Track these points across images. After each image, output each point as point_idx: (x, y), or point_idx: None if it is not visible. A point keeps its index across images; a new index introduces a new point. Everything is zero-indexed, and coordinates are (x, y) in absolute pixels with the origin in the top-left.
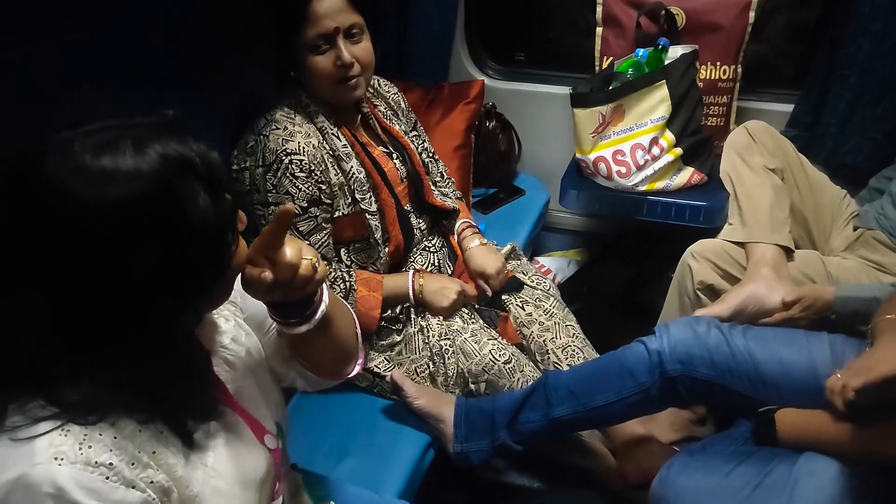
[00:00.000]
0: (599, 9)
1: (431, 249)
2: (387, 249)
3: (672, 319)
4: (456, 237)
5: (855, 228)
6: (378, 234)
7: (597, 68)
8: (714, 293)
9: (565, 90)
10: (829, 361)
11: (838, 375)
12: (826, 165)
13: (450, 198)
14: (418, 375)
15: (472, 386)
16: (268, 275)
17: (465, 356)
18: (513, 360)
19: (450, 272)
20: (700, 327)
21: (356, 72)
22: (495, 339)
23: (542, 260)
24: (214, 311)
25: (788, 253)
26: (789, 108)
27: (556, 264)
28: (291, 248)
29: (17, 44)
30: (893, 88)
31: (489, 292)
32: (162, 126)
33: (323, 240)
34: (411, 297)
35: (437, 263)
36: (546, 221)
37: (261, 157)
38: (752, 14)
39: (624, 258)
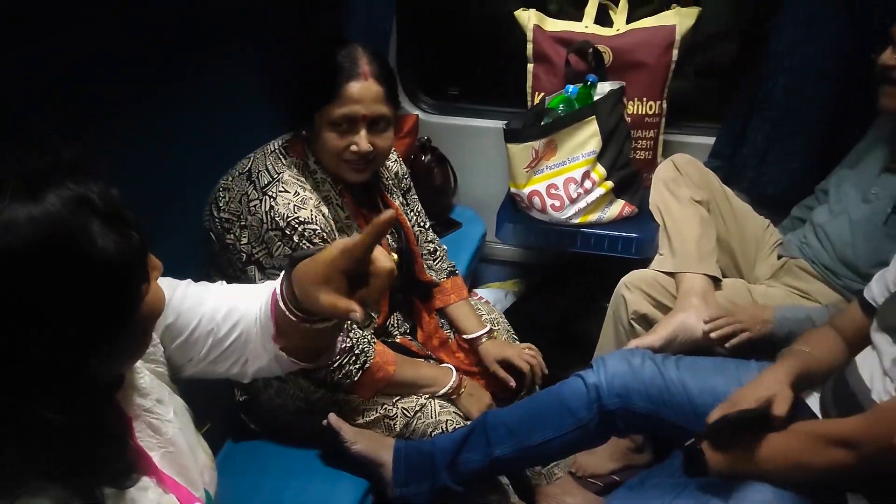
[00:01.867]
0: (530, 46)
1: (398, 318)
2: (376, 321)
3: (608, 349)
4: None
5: (779, 257)
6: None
7: (529, 103)
8: (647, 322)
9: (499, 124)
10: None
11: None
12: (748, 195)
13: (434, 270)
14: (358, 421)
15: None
16: (357, 311)
17: (422, 414)
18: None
19: (407, 332)
20: (635, 360)
21: (369, 159)
22: (452, 411)
23: (480, 292)
24: (137, 373)
25: (716, 282)
26: (712, 140)
27: (493, 296)
28: (381, 254)
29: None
30: (809, 121)
31: (512, 384)
32: (56, 166)
33: None
34: (445, 391)
35: (395, 325)
36: (483, 253)
37: (269, 221)
38: (675, 52)
39: (560, 289)
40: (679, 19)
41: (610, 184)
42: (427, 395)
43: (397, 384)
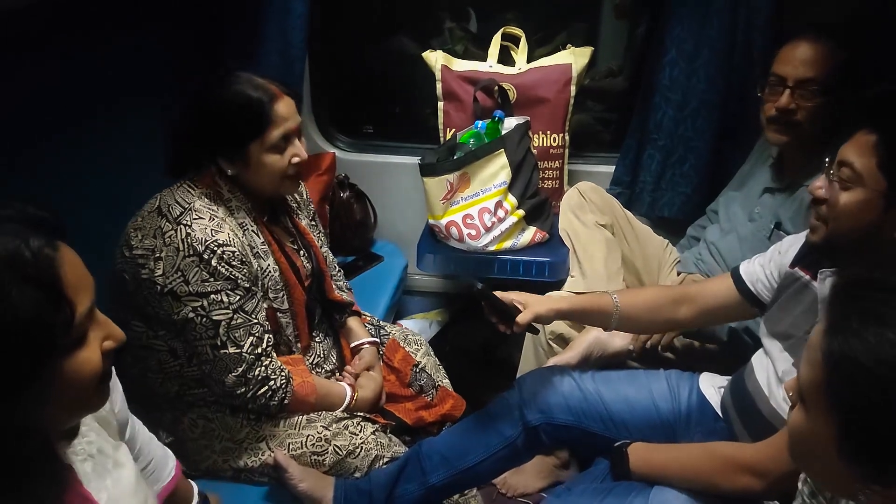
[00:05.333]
0: (439, 85)
1: (318, 340)
2: (299, 345)
3: (529, 369)
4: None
5: (678, 273)
6: (289, 331)
7: (441, 139)
8: (564, 341)
9: (414, 160)
10: (666, 395)
11: None
12: (648, 217)
13: (345, 291)
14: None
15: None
16: None
17: (355, 454)
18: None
19: (334, 361)
20: (554, 376)
21: (302, 167)
22: (387, 457)
23: (405, 323)
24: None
25: None
26: (612, 168)
27: (418, 326)
28: None
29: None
30: (695, 149)
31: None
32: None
33: (265, 319)
34: (345, 406)
35: (322, 355)
36: (406, 286)
37: (187, 248)
38: (573, 88)
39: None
40: (574, 58)
41: (521, 212)
42: (361, 436)
43: (313, 409)
